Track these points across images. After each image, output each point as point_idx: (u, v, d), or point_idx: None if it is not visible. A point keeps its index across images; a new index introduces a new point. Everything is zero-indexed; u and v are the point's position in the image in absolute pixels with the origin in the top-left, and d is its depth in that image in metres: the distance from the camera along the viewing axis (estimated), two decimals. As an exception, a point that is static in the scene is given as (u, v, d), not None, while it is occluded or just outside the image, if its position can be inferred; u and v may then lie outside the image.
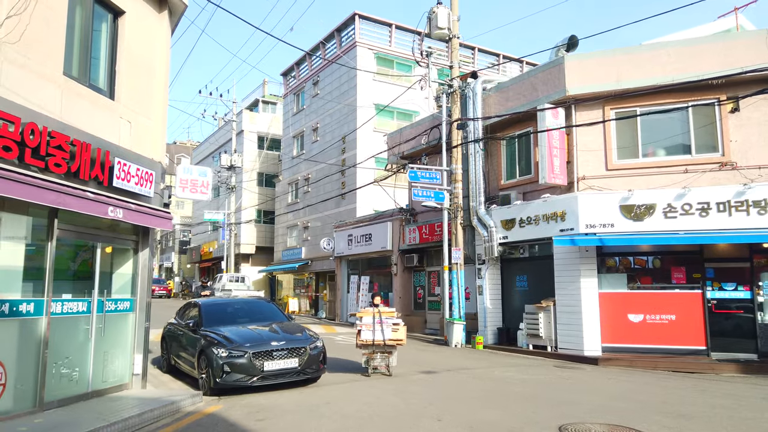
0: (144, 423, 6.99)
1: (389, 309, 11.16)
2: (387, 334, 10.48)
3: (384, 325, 10.54)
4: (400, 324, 10.81)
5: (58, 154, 6.76)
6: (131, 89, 8.81)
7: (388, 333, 10.51)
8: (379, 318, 10.60)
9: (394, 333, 10.58)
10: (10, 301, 6.60)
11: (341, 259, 25.93)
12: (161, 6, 9.52)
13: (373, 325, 10.54)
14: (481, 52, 34.75)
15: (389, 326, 10.56)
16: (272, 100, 44.11)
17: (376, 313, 10.74)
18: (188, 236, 53.21)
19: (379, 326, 10.47)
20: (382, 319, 10.60)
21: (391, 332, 10.55)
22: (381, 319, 10.59)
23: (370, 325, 10.54)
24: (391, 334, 10.54)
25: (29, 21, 6.76)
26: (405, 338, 10.73)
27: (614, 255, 14.66)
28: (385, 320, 10.61)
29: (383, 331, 10.48)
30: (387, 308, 11.12)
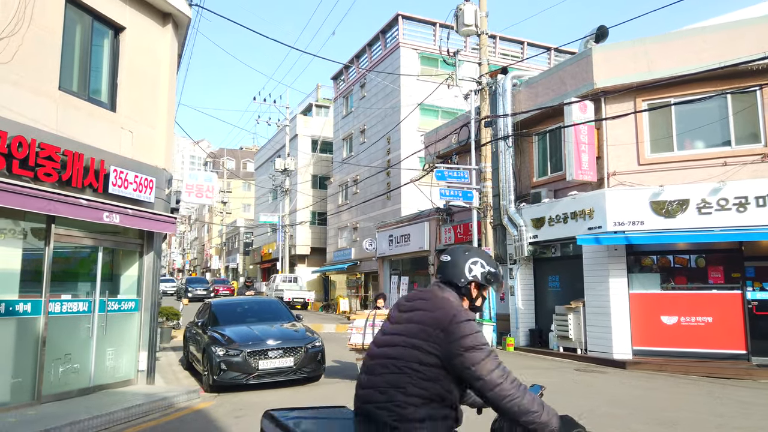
0: (130, 417, 7.37)
1: (385, 311, 9.98)
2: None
3: (375, 328, 9.60)
4: None
5: (48, 165, 7.26)
6: (133, 100, 9.30)
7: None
8: (372, 321, 9.82)
9: None
10: (6, 301, 7.16)
11: (383, 259, 26.09)
12: (164, 20, 9.99)
13: (364, 328, 9.81)
14: (530, 46, 34.00)
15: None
16: (325, 104, 44.92)
17: (371, 315, 10.06)
18: (251, 238, 55.05)
19: (371, 330, 9.64)
20: (375, 322, 9.74)
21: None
22: (374, 322, 9.75)
23: (361, 329, 9.83)
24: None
25: (22, 42, 7.30)
26: None
27: (646, 254, 13.96)
28: (378, 323, 9.65)
29: (373, 335, 9.42)
30: (383, 311, 10.15)
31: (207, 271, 72.95)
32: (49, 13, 7.76)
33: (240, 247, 57.90)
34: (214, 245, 71.26)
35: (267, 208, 45.60)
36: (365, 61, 34.60)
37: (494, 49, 33.01)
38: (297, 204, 39.99)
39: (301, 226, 40.48)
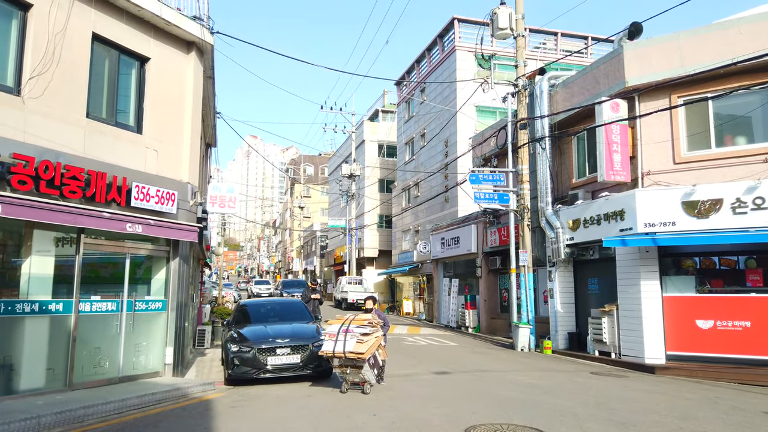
0: (143, 404, 8.37)
1: (365, 316, 9.63)
2: (348, 346, 8.86)
3: (349, 335, 9.04)
4: (372, 334, 9.11)
5: (72, 183, 8.42)
6: (158, 122, 10.43)
7: (351, 344, 8.88)
8: (346, 327, 9.20)
9: (358, 345, 8.86)
10: (40, 301, 8.39)
11: (437, 261, 26.43)
12: (188, 48, 11.08)
13: (336, 334, 9.14)
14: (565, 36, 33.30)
15: (354, 336, 9.01)
16: (391, 109, 45.75)
17: (346, 321, 9.43)
18: (326, 241, 56.95)
19: (344, 335, 9.04)
20: (349, 327, 9.17)
21: (356, 344, 8.89)
22: (348, 327, 9.18)
23: (334, 335, 9.17)
24: (353, 346, 8.86)
25: (51, 78, 8.52)
26: (370, 351, 8.94)
27: (680, 256, 13.49)
28: (352, 329, 9.16)
29: (345, 342, 8.95)
30: (364, 315, 9.66)
31: (289, 273, 76.05)
32: (77, 51, 8.97)
33: (317, 250, 59.99)
34: (294, 248, 74.21)
35: (339, 212, 47.12)
36: (425, 66, 35.06)
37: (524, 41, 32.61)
38: (364, 207, 41.06)
39: (368, 230, 41.53)
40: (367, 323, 9.32)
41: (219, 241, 30.73)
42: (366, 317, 9.52)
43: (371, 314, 9.71)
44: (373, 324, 9.34)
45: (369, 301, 10.39)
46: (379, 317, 9.75)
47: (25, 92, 8.22)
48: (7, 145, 7.69)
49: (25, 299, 8.28)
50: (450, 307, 23.85)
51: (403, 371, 11.32)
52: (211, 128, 16.81)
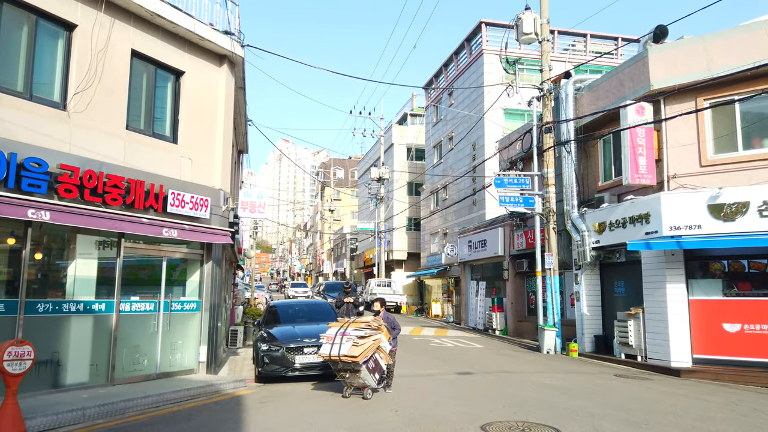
0: (179, 399, 8.87)
1: (365, 318, 9.61)
2: (343, 349, 8.67)
3: (345, 338, 8.86)
4: (369, 337, 8.88)
5: (114, 191, 8.99)
6: (193, 132, 10.98)
7: (345, 348, 8.68)
8: (344, 329, 9.06)
9: (353, 348, 8.62)
10: (84, 301, 8.99)
11: (465, 264, 26.60)
12: (220, 61, 11.62)
13: (334, 337, 8.98)
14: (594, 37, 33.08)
15: (351, 339, 8.80)
16: (419, 112, 46.04)
17: (346, 323, 9.31)
18: (356, 244, 57.51)
19: (340, 338, 8.86)
20: (347, 330, 9.01)
21: (351, 347, 8.67)
22: (346, 330, 9.01)
23: (332, 338, 9.00)
24: (347, 350, 8.63)
25: (94, 93, 9.13)
26: (365, 355, 8.64)
27: (706, 259, 13.45)
28: (349, 332, 8.97)
29: (341, 346, 8.76)
30: (364, 318, 9.64)
31: (320, 275, 76.89)
32: (117, 67, 9.57)
33: (347, 253, 60.60)
34: (325, 251, 75.03)
35: (368, 215, 47.60)
36: (452, 70, 35.27)
37: (552, 44, 32.45)
38: (393, 210, 41.43)
39: (397, 232, 41.86)
40: (365, 326, 9.14)
41: (251, 244, 31.48)
42: (365, 320, 9.43)
43: (378, 317, 9.60)
44: (371, 326, 9.10)
45: (377, 303, 10.21)
46: (387, 321, 9.61)
47: (71, 107, 8.83)
48: (54, 156, 8.29)
49: (71, 299, 8.89)
50: (477, 310, 24.00)
51: (426, 371, 11.62)
52: (243, 135, 17.39)
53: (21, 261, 8.22)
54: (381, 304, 10.13)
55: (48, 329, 8.50)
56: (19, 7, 8.34)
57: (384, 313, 9.87)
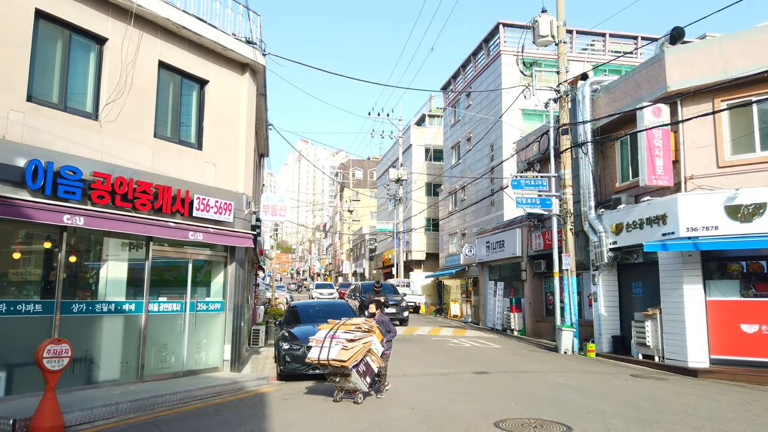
0: (205, 395, 9.27)
1: (355, 320, 9.35)
2: (332, 353, 8.40)
3: (334, 341, 8.60)
4: (359, 340, 8.62)
5: (143, 197, 9.42)
6: (217, 138, 11.39)
7: (335, 351, 8.41)
8: (333, 332, 8.81)
9: (342, 352, 8.37)
10: (115, 302, 9.44)
11: (483, 264, 26.76)
12: (242, 69, 12.02)
13: (323, 340, 8.72)
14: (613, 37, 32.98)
15: (340, 343, 8.55)
16: (438, 113, 46.22)
17: (335, 326, 9.04)
18: (374, 244, 57.87)
19: (329, 341, 8.62)
20: (336, 333, 8.76)
21: (340, 350, 8.41)
22: (335, 333, 8.77)
23: (321, 341, 8.74)
24: (336, 354, 8.38)
25: (124, 103, 9.56)
26: (355, 358, 8.39)
27: (723, 260, 13.49)
28: (339, 335, 8.72)
29: (330, 349, 8.49)
30: (354, 320, 9.38)
31: (339, 275, 77.41)
32: (146, 77, 10.00)
33: (366, 253, 60.99)
34: (344, 251, 75.51)
35: (387, 216, 47.92)
36: (470, 71, 35.41)
37: (571, 44, 32.48)
38: (411, 211, 41.68)
39: (416, 233, 42.10)
40: (355, 328, 8.88)
41: (272, 245, 31.97)
42: (355, 322, 9.16)
43: (371, 319, 9.39)
44: (362, 329, 8.86)
45: (372, 305, 9.97)
46: (381, 324, 9.41)
47: (102, 117, 9.28)
48: (88, 164, 8.74)
49: (103, 300, 9.35)
50: (495, 310, 24.15)
51: (443, 370, 11.88)
52: (264, 139, 17.82)
53: (57, 264, 8.68)
54: (376, 307, 9.92)
55: (82, 328, 8.94)
56: (54, 23, 8.81)
57: (379, 315, 9.71)
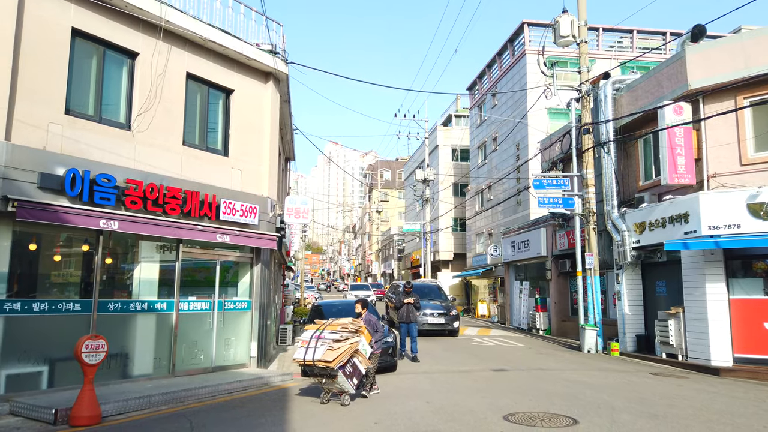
0: (233, 390, 9.75)
1: (342, 320, 9.14)
2: (318, 354, 8.25)
3: (320, 341, 8.45)
4: (345, 341, 8.47)
5: (172, 202, 9.97)
6: (241, 145, 11.91)
7: (320, 352, 8.26)
8: (319, 333, 8.65)
9: (328, 352, 8.22)
10: (148, 301, 10.01)
11: (508, 264, 26.84)
12: (266, 78, 12.52)
13: (309, 340, 8.57)
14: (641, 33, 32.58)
15: (326, 343, 8.40)
16: (464, 113, 46.30)
17: (322, 326, 8.91)
18: (403, 245, 58.19)
19: (315, 342, 8.46)
20: (322, 333, 8.60)
21: (326, 351, 8.26)
22: (321, 334, 8.60)
23: (307, 341, 8.60)
24: (321, 354, 8.23)
25: (154, 114, 10.13)
26: (340, 359, 8.22)
27: (747, 258, 13.41)
28: (324, 335, 8.57)
29: (315, 350, 8.34)
30: (341, 320, 9.16)
31: (369, 276, 77.96)
32: (174, 88, 10.56)
33: (394, 254, 61.35)
34: (373, 251, 76.03)
35: (415, 216, 48.20)
36: (496, 71, 35.46)
37: (597, 41, 32.22)
38: (439, 211, 41.89)
39: (443, 233, 42.27)
40: (341, 328, 8.76)
41: (300, 246, 32.54)
42: (342, 322, 8.99)
43: (358, 319, 9.27)
44: (348, 329, 8.74)
45: (359, 305, 9.86)
46: (369, 323, 9.30)
47: (134, 127, 9.86)
48: (122, 172, 9.32)
49: (136, 299, 9.93)
50: (521, 310, 24.22)
51: (463, 368, 12.15)
52: (289, 144, 18.34)
53: (94, 265, 9.28)
54: (362, 306, 9.77)
55: (117, 326, 9.53)
56: (90, 40, 9.41)
57: (366, 315, 9.59)
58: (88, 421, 7.27)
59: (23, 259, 8.60)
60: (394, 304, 14.18)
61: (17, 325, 8.21)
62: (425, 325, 18.90)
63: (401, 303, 13.98)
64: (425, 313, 18.99)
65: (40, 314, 8.45)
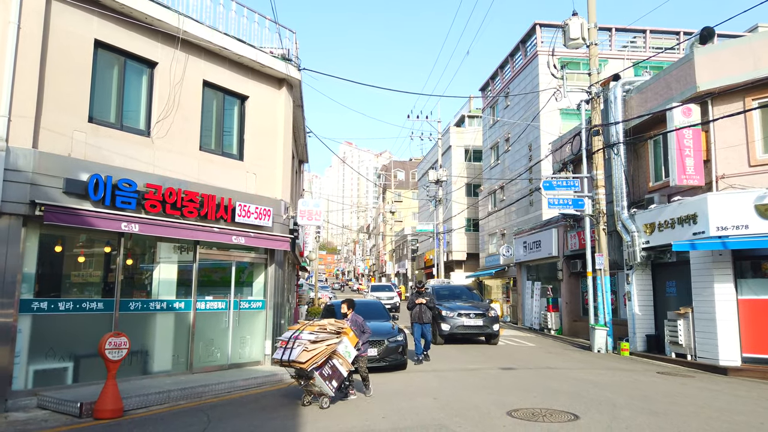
0: (248, 386, 10.13)
1: (322, 321, 9.03)
2: (293, 354, 8.09)
3: (298, 341, 8.28)
4: (323, 342, 8.26)
5: (190, 205, 10.37)
6: (256, 149, 12.29)
7: (296, 353, 8.09)
8: (298, 333, 8.49)
9: (304, 353, 8.02)
10: (167, 300, 10.42)
11: (520, 265, 27.00)
12: (279, 84, 12.89)
13: (287, 341, 8.41)
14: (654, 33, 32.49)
15: (302, 344, 8.20)
16: (477, 114, 46.44)
17: (303, 326, 8.75)
18: (416, 245, 58.44)
19: (292, 343, 8.29)
20: (300, 334, 8.42)
21: (301, 352, 8.06)
22: (299, 334, 8.42)
23: (285, 342, 8.44)
24: (296, 355, 8.05)
25: (173, 120, 10.54)
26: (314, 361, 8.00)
27: (756, 259, 13.50)
28: (302, 336, 8.39)
29: (292, 350, 8.18)
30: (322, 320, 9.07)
31: (383, 276, 78.29)
32: (191, 96, 10.97)
33: (408, 254, 61.62)
34: (387, 252, 76.35)
35: (428, 216, 48.47)
36: (508, 71, 35.60)
37: (610, 42, 32.18)
38: (452, 212, 42.09)
39: (456, 233, 42.47)
40: (319, 329, 8.57)
41: (314, 247, 32.93)
42: (322, 323, 8.84)
43: (342, 320, 9.15)
44: (327, 330, 8.54)
45: (344, 305, 9.65)
46: (355, 324, 9.20)
47: (153, 133, 10.28)
48: (141, 177, 9.74)
49: (156, 299, 10.34)
50: (533, 310, 24.39)
51: (472, 366, 12.42)
52: (303, 146, 18.72)
53: (116, 266, 9.70)
54: (348, 306, 9.60)
55: (138, 324, 9.95)
56: (111, 51, 9.84)
57: (353, 315, 9.44)
58: (111, 414, 7.67)
59: (49, 261, 9.05)
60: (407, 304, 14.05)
61: (44, 323, 8.65)
62: (459, 327, 17.17)
63: (413, 303, 13.77)
64: (459, 314, 17.34)
65: (65, 313, 8.88)
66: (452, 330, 17.09)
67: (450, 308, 17.68)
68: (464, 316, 17.40)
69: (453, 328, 17.09)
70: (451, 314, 17.35)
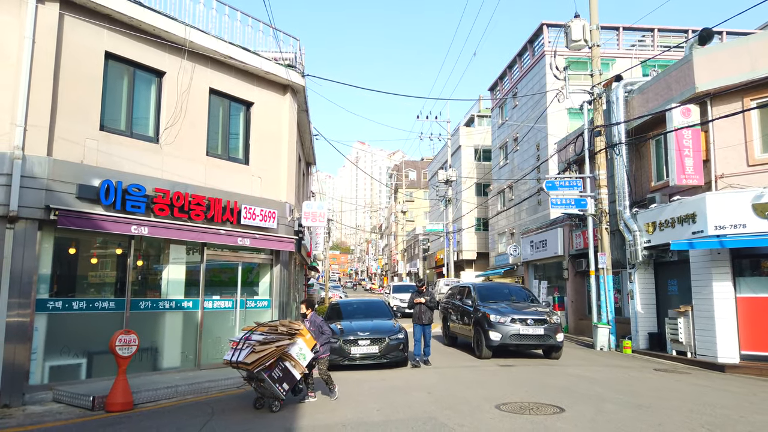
0: (253, 382, 10.55)
1: (274, 322, 8.76)
2: (241, 356, 7.88)
3: (247, 343, 8.08)
4: (272, 343, 7.94)
5: (197, 208, 10.82)
6: (261, 154, 12.72)
7: (243, 354, 7.89)
8: (249, 334, 8.31)
9: (251, 355, 7.79)
10: (176, 299, 10.88)
11: (527, 264, 27.21)
12: (284, 90, 13.31)
13: (239, 342, 8.23)
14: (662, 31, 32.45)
15: (251, 345, 7.98)
16: (486, 114, 46.61)
17: (255, 327, 8.58)
18: (427, 244, 58.71)
19: (242, 344, 8.10)
20: (250, 335, 8.24)
21: (249, 353, 7.84)
22: (250, 335, 8.26)
23: (237, 343, 8.25)
24: (244, 357, 7.84)
25: (180, 127, 11.00)
26: (260, 362, 7.75)
27: (754, 257, 13.66)
28: (252, 337, 8.20)
29: (241, 351, 7.98)
30: (272, 322, 8.79)
31: (395, 275, 78.63)
32: (198, 103, 11.42)
33: (419, 253, 61.91)
34: (399, 251, 76.68)
35: (439, 216, 48.75)
36: (516, 71, 35.77)
37: (618, 41, 32.22)
38: (461, 211, 42.33)
39: (466, 232, 42.69)
40: (269, 330, 8.33)
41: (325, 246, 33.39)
42: (273, 323, 8.61)
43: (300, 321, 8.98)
44: (278, 331, 8.25)
45: (303, 305, 9.33)
46: (313, 325, 8.95)
47: (162, 140, 10.74)
48: (151, 182, 10.20)
49: (165, 298, 10.80)
50: (539, 308, 24.55)
51: (471, 363, 12.74)
52: (309, 149, 19.15)
53: (126, 267, 10.18)
54: (307, 306, 9.28)
55: (148, 322, 10.42)
56: (121, 62, 10.31)
57: (312, 316, 9.20)
58: (122, 408, 8.13)
59: (63, 262, 9.54)
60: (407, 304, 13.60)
61: (59, 321, 9.15)
62: (513, 337, 13.28)
63: (413, 303, 12.88)
64: (513, 319, 13.46)
65: (79, 312, 9.37)
66: (504, 340, 13.18)
67: (500, 312, 13.69)
68: (520, 322, 13.49)
69: (505, 337, 13.15)
70: (502, 319, 13.39)
